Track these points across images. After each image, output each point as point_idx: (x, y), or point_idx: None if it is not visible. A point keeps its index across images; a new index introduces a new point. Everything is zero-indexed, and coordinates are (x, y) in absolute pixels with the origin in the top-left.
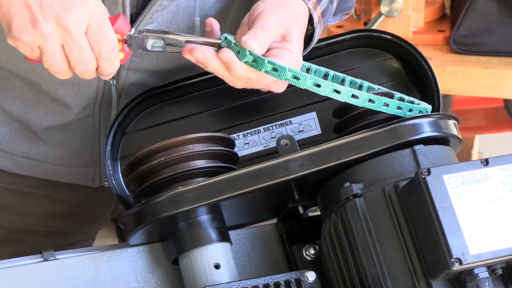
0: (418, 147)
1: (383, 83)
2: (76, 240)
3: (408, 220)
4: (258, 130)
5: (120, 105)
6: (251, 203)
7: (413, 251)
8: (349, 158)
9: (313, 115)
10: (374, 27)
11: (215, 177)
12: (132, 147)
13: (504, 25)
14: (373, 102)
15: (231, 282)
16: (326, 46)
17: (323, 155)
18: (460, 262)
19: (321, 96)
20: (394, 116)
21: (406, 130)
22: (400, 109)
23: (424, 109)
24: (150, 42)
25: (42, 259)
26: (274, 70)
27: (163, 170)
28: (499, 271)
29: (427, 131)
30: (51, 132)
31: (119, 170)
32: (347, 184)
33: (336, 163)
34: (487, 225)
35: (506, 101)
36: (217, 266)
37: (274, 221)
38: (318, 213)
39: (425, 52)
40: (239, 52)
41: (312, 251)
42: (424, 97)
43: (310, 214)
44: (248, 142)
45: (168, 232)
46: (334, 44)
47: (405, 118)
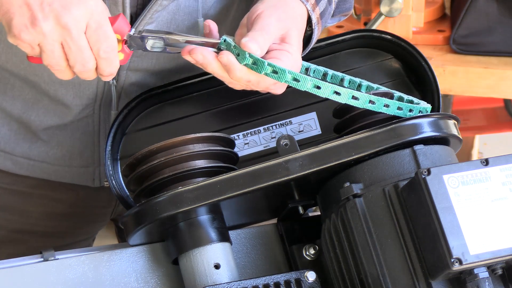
0: (418, 147)
1: (383, 83)
2: (76, 240)
3: (408, 220)
4: (258, 130)
5: (120, 105)
6: (251, 203)
7: (413, 251)
8: (349, 158)
9: (313, 115)
10: (374, 27)
11: (215, 177)
12: (132, 147)
13: (504, 25)
14: (374, 103)
15: (231, 282)
16: (326, 46)
17: (323, 155)
18: (460, 262)
19: (321, 97)
20: (394, 116)
21: (406, 130)
22: (401, 110)
23: (424, 109)
24: (150, 43)
25: (42, 259)
26: (274, 73)
27: (163, 170)
28: (499, 271)
29: (427, 131)
30: (51, 132)
31: (119, 170)
32: (347, 184)
33: (336, 163)
34: (487, 225)
35: (506, 101)
36: (217, 266)
37: (274, 221)
38: (318, 213)
39: (425, 52)
40: (239, 55)
41: (312, 251)
42: (424, 97)
43: (310, 214)
44: (248, 142)
45: (168, 232)
46: (334, 44)
47: (405, 118)
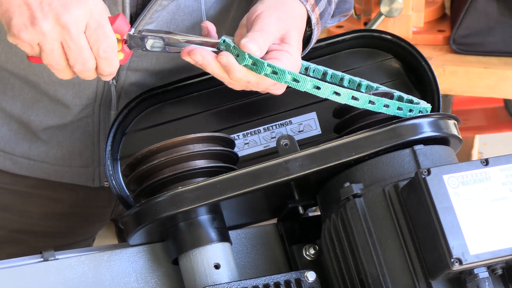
0: (418, 147)
1: (383, 83)
2: (76, 241)
3: (408, 220)
4: (258, 130)
5: (120, 105)
6: (251, 203)
7: (413, 251)
8: (349, 158)
9: (313, 115)
10: (374, 27)
11: (215, 177)
12: (132, 147)
13: (504, 25)
14: (374, 104)
15: (231, 282)
16: (326, 46)
17: (323, 155)
18: (460, 262)
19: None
20: (394, 116)
21: (406, 130)
22: (401, 110)
23: (424, 109)
24: (150, 42)
25: (42, 259)
26: (274, 73)
27: (163, 170)
28: (499, 271)
29: (427, 131)
30: (51, 132)
31: (119, 170)
32: (347, 184)
33: (336, 163)
34: (487, 225)
35: (506, 101)
36: (217, 266)
37: (274, 221)
38: (318, 213)
39: (425, 52)
40: (238, 55)
41: (312, 251)
42: (424, 97)
43: (310, 214)
44: (248, 142)
45: (168, 232)
46: (334, 44)
47: (405, 118)
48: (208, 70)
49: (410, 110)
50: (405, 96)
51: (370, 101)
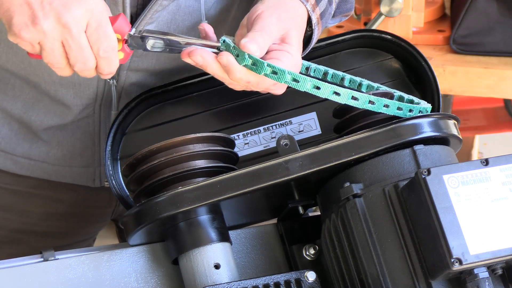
0: (418, 147)
1: (383, 83)
2: (77, 241)
3: (408, 220)
4: (258, 130)
5: (120, 105)
6: (251, 203)
7: (413, 251)
8: (349, 158)
9: (313, 115)
10: (374, 27)
11: (215, 177)
12: (132, 147)
13: (504, 25)
14: (373, 104)
15: (231, 282)
16: (326, 46)
17: (323, 155)
18: (460, 262)
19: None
20: (394, 116)
21: (406, 130)
22: (401, 110)
23: (424, 109)
24: (150, 42)
25: (42, 259)
26: (274, 73)
27: (163, 170)
28: (499, 271)
29: (427, 131)
30: (51, 132)
31: (119, 170)
32: (347, 184)
33: (336, 163)
34: (487, 225)
35: (506, 101)
36: (217, 266)
37: (274, 221)
38: (318, 213)
39: (425, 52)
40: (238, 55)
41: (312, 251)
42: (424, 97)
43: (310, 214)
44: (248, 142)
45: (168, 232)
46: (334, 44)
47: (405, 118)
48: (208, 71)
49: (410, 110)
50: (406, 96)
51: (370, 101)
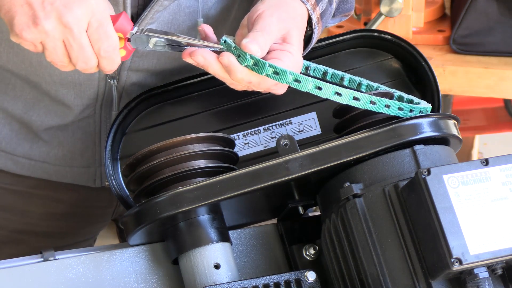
0: (418, 147)
1: (383, 83)
2: (77, 241)
3: (408, 220)
4: (258, 130)
5: (121, 106)
6: (251, 203)
7: (413, 251)
8: (349, 158)
9: (313, 115)
10: (374, 27)
11: (215, 177)
12: (132, 147)
13: (504, 25)
14: (375, 104)
15: (231, 282)
16: (326, 46)
17: (323, 155)
18: (460, 262)
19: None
20: (394, 116)
21: (406, 130)
22: (402, 110)
23: (425, 109)
24: (152, 41)
25: (42, 259)
26: (275, 74)
27: (163, 170)
28: (499, 271)
29: (427, 131)
30: (52, 133)
31: (119, 170)
32: (347, 184)
33: (336, 163)
34: (487, 225)
35: (506, 101)
36: (217, 266)
37: (274, 221)
38: (318, 213)
39: (425, 52)
40: (240, 56)
41: (312, 251)
42: (424, 97)
43: (310, 214)
44: (248, 142)
45: (168, 232)
46: (334, 44)
47: (405, 118)
48: (210, 71)
49: (411, 110)
50: (405, 96)
51: (371, 102)
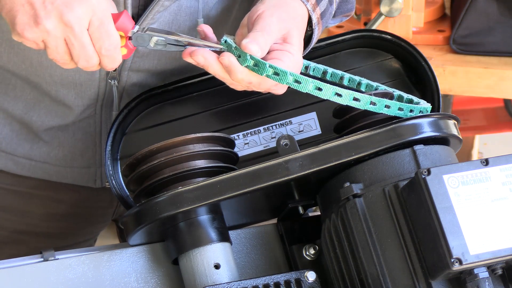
0: (418, 147)
1: (383, 83)
2: (77, 241)
3: (408, 220)
4: (258, 130)
5: (122, 106)
6: (251, 203)
7: (413, 251)
8: (349, 158)
9: (313, 115)
10: (374, 27)
11: (215, 177)
12: (132, 147)
13: (504, 25)
14: (375, 105)
15: (231, 282)
16: (326, 46)
17: (323, 155)
18: (460, 262)
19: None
20: (394, 116)
21: (406, 130)
22: (402, 110)
23: (425, 109)
24: (153, 40)
25: (42, 259)
26: (276, 74)
27: (163, 170)
28: (499, 271)
29: (427, 131)
30: (52, 133)
31: (119, 170)
32: (347, 184)
33: (336, 163)
34: (487, 225)
35: (506, 101)
36: (217, 266)
37: (274, 221)
38: (318, 213)
39: (425, 52)
40: (240, 56)
41: (312, 251)
42: (424, 97)
43: (310, 214)
44: (248, 142)
45: (168, 232)
46: (334, 44)
47: (405, 118)
48: (210, 71)
49: (411, 111)
50: (405, 95)
51: (371, 102)
